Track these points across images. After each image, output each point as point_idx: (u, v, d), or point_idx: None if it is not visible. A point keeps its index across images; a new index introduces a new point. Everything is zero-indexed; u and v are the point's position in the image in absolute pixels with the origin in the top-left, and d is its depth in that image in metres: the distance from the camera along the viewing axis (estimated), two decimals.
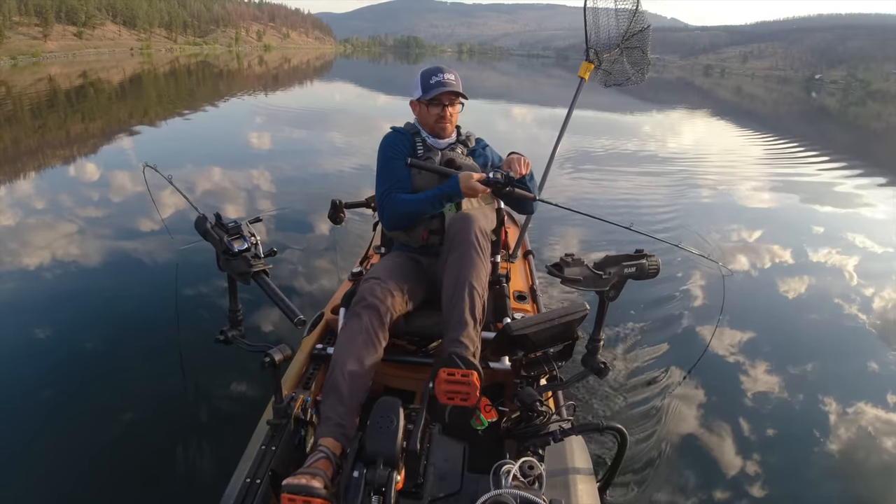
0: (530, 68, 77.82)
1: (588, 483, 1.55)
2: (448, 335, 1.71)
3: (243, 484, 1.39)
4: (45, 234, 4.77)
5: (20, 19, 59.72)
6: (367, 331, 1.70)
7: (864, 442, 2.68)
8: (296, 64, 53.33)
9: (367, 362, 1.66)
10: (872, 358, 3.46)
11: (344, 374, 1.61)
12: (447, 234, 1.89)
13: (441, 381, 1.54)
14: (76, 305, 3.54)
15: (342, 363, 1.63)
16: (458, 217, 1.89)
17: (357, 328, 1.70)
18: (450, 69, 2.10)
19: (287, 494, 1.28)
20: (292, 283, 3.87)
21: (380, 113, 14.84)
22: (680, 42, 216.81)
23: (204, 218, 1.52)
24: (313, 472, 1.35)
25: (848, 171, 10.07)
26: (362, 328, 1.70)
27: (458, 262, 1.79)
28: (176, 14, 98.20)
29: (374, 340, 1.70)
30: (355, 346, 1.67)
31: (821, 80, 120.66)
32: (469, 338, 1.69)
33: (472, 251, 1.79)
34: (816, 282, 4.64)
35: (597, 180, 7.95)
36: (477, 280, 1.77)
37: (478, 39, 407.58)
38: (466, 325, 1.70)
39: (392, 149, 2.12)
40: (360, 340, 1.68)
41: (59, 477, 2.15)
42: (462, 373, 1.53)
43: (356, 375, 1.63)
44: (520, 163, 2.00)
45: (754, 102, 36.46)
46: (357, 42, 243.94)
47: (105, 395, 2.65)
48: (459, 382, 1.53)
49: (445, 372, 1.53)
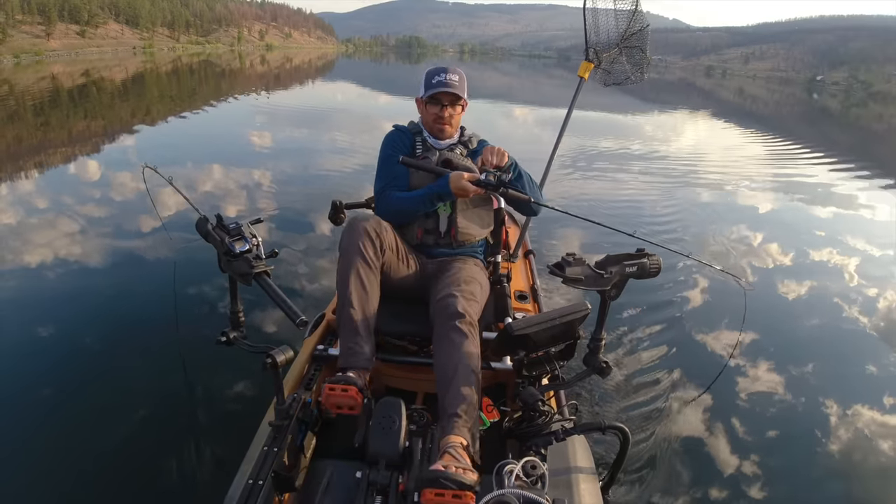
0: (532, 69, 77.81)
1: (591, 482, 1.55)
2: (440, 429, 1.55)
3: (245, 485, 1.39)
4: (45, 232, 4.77)
5: (23, 17, 59.83)
6: (365, 257, 1.80)
7: (865, 444, 2.68)
8: (298, 63, 53.39)
9: (370, 288, 1.79)
10: (874, 360, 3.46)
11: (353, 303, 1.75)
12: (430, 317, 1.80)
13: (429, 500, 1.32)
14: (76, 305, 3.54)
15: (348, 294, 1.76)
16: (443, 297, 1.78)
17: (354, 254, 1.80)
18: (455, 69, 2.09)
19: (329, 384, 1.54)
20: (294, 284, 3.87)
21: (381, 113, 14.87)
22: (682, 43, 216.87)
23: (205, 219, 1.52)
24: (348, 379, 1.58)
25: (850, 173, 10.10)
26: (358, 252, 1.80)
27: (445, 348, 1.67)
28: (178, 13, 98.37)
29: (372, 265, 1.82)
30: (357, 275, 1.78)
31: (822, 81, 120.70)
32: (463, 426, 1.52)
33: (455, 334, 1.67)
34: (818, 284, 4.63)
35: (598, 181, 7.94)
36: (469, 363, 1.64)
37: (479, 40, 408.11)
38: (458, 420, 1.53)
39: (392, 147, 2.13)
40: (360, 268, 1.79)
41: (60, 477, 2.15)
42: (453, 493, 1.30)
43: (364, 303, 1.77)
44: (493, 153, 1.94)
45: (756, 104, 36.44)
46: (359, 42, 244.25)
47: (105, 395, 2.65)
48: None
49: (433, 493, 1.30)
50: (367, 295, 1.78)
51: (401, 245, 1.98)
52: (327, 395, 1.55)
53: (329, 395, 1.54)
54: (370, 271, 1.81)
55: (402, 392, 2.00)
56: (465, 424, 1.52)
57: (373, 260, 1.81)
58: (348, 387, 1.53)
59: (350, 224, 1.86)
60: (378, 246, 1.83)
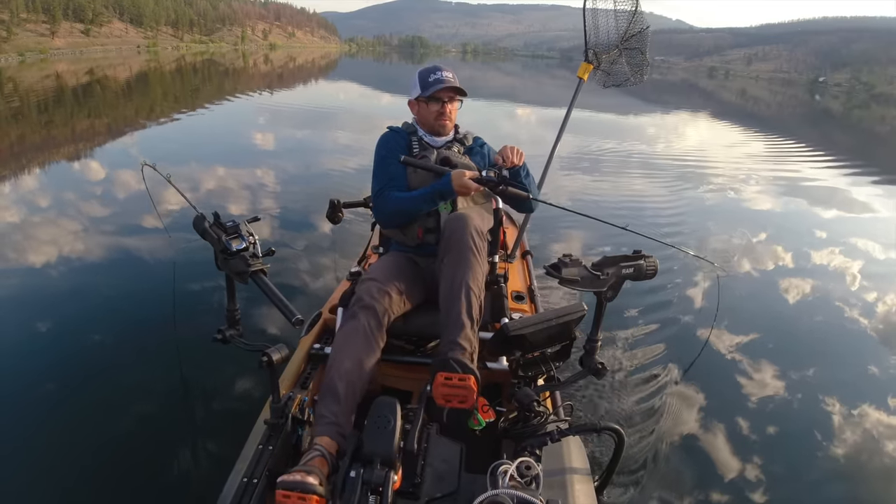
0: (534, 69, 77.76)
1: (585, 483, 1.55)
2: (445, 337, 1.71)
3: (240, 483, 1.40)
4: (44, 230, 4.78)
5: (28, 16, 60.09)
6: (365, 332, 1.70)
7: (866, 444, 2.66)
8: (301, 63, 53.46)
9: (365, 363, 1.66)
10: (875, 360, 3.44)
11: (340, 374, 1.62)
12: (443, 235, 1.88)
13: (438, 385, 1.55)
14: (73, 302, 3.54)
15: (339, 363, 1.64)
16: (454, 217, 1.89)
17: (354, 329, 1.70)
18: (447, 67, 2.12)
19: (282, 491, 1.27)
20: (290, 283, 3.86)
21: (384, 112, 14.85)
22: (684, 44, 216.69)
23: (202, 217, 1.52)
24: (308, 470, 1.34)
25: (851, 173, 10.08)
26: (360, 329, 1.70)
27: (454, 263, 1.79)
28: (182, 12, 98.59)
29: (372, 341, 1.70)
30: (352, 346, 1.67)
31: (825, 82, 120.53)
32: (467, 339, 1.69)
33: (468, 252, 1.79)
34: (815, 283, 4.62)
35: (598, 181, 7.93)
36: (473, 281, 1.77)
37: (482, 40, 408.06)
38: (464, 327, 1.70)
39: (387, 148, 2.13)
40: (357, 341, 1.68)
41: (57, 473, 2.15)
42: (459, 377, 1.53)
43: (353, 375, 1.62)
44: (512, 152, 2.00)
45: (758, 105, 36.38)
46: (362, 41, 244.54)
47: (101, 392, 2.64)
48: (457, 386, 1.54)
49: (443, 376, 1.54)
50: (360, 372, 1.66)
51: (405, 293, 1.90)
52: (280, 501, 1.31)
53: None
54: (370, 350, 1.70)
55: (397, 391, 2.01)
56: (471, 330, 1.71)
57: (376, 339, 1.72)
58: (306, 496, 1.29)
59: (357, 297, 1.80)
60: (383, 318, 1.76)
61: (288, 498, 1.28)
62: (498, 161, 2.01)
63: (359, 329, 1.70)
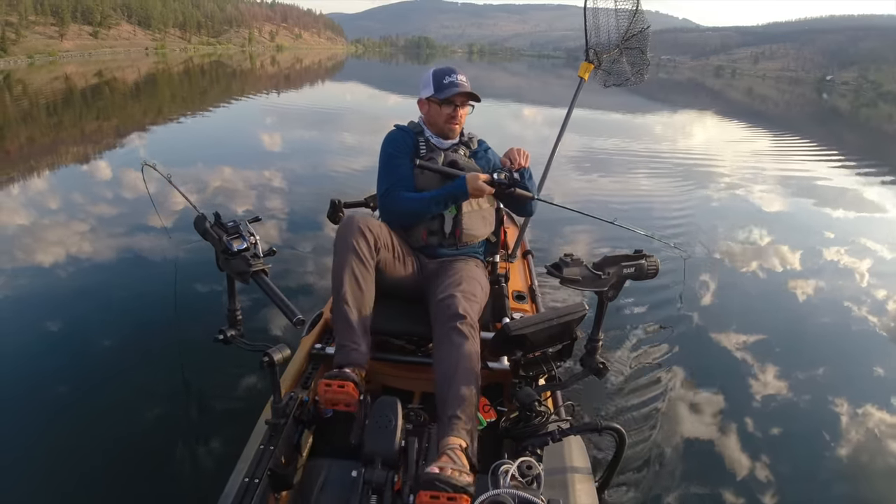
0: (540, 69, 77.57)
1: (586, 483, 1.55)
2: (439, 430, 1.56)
3: (242, 483, 1.40)
4: (45, 230, 4.82)
5: (36, 18, 60.42)
6: (359, 254, 1.78)
7: (871, 445, 2.65)
8: (308, 64, 53.57)
9: (365, 285, 1.78)
10: (881, 360, 3.41)
11: (348, 300, 1.74)
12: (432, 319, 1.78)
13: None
14: (74, 302, 3.56)
15: (343, 291, 1.75)
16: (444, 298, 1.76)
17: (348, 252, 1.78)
18: (461, 71, 2.12)
19: (324, 381, 1.55)
20: (291, 283, 3.86)
21: (391, 113, 14.81)
22: (691, 43, 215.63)
23: (203, 217, 1.53)
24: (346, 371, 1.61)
25: (860, 172, 10.02)
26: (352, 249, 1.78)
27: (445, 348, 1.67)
28: (190, 14, 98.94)
29: (367, 263, 1.80)
30: (351, 272, 1.77)
31: (832, 81, 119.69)
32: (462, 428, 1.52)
33: (456, 335, 1.66)
34: (818, 282, 4.60)
35: (598, 181, 7.92)
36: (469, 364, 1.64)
37: (488, 40, 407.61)
38: (458, 422, 1.53)
39: (395, 146, 2.12)
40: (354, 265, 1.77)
41: (60, 472, 2.17)
42: (448, 496, 1.30)
43: (359, 302, 1.76)
44: (519, 154, 2.02)
45: (766, 103, 36.16)
46: (368, 42, 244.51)
47: (103, 392, 2.66)
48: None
49: (427, 495, 1.30)
50: (361, 292, 1.77)
51: (397, 243, 1.97)
52: (323, 390, 1.55)
53: (325, 392, 1.55)
54: (364, 269, 1.79)
55: (399, 391, 2.01)
56: (464, 426, 1.51)
57: (367, 258, 1.80)
58: (345, 383, 1.54)
59: (344, 222, 1.86)
60: (372, 243, 1.82)
61: (329, 387, 1.54)
62: (506, 163, 2.02)
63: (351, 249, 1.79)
